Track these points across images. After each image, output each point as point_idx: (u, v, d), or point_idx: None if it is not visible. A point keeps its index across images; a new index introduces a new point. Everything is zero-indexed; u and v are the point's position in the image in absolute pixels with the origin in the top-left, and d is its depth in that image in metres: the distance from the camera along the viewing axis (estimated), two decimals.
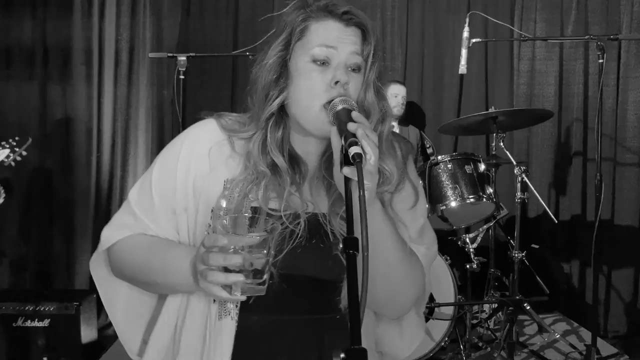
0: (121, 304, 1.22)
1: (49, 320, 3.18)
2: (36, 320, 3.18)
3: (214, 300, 1.06)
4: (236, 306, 1.06)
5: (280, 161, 1.09)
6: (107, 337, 3.64)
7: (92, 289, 3.98)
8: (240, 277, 0.93)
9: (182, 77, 3.23)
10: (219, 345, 1.05)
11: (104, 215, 4.23)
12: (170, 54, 3.32)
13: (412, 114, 4.24)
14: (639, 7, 3.99)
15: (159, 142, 4.39)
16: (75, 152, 4.22)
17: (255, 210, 1.06)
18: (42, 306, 3.18)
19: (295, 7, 1.10)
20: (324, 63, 1.06)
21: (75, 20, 4.20)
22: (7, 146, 2.64)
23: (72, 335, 3.19)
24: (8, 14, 4.20)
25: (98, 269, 1.23)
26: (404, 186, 1.15)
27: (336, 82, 1.04)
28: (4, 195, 2.68)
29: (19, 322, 3.16)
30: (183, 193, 1.11)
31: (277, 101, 1.08)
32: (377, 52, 1.08)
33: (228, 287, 0.95)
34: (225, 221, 0.98)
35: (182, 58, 3.22)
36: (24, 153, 2.69)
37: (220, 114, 1.16)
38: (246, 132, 1.11)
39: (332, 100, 1.04)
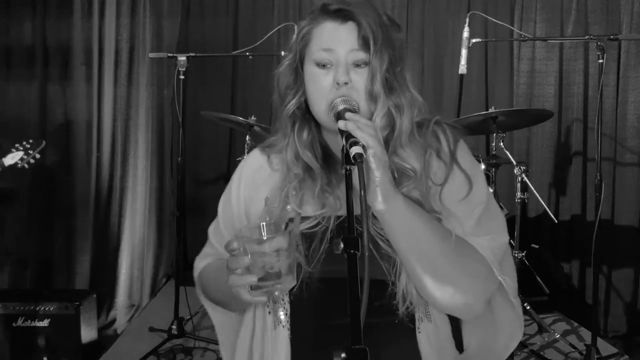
0: (218, 324, 1.30)
1: (49, 320, 3.19)
2: (36, 320, 3.18)
3: (269, 312, 1.10)
4: (286, 314, 1.09)
5: (311, 159, 1.12)
6: (107, 337, 3.64)
7: (92, 289, 3.98)
8: (252, 278, 0.96)
9: (182, 77, 3.23)
10: (276, 354, 1.08)
11: (104, 215, 4.24)
12: (170, 54, 3.32)
13: None
14: (639, 7, 3.99)
15: (159, 142, 4.39)
16: (75, 152, 4.22)
17: (289, 221, 1.09)
18: (42, 306, 3.18)
19: (307, 16, 1.15)
20: (325, 65, 1.09)
21: (75, 20, 4.20)
22: (21, 148, 2.63)
23: (72, 335, 3.19)
24: (8, 14, 4.20)
25: (201, 296, 1.31)
26: (452, 177, 1.11)
27: (337, 83, 1.07)
28: None
29: (19, 322, 3.16)
30: (239, 219, 1.20)
31: (293, 103, 1.13)
32: (377, 41, 1.06)
33: (257, 291, 0.98)
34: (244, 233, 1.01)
35: (182, 58, 3.22)
36: (38, 156, 2.69)
37: (264, 142, 1.22)
38: (279, 145, 1.17)
39: (332, 105, 1.06)
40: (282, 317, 1.09)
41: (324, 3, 1.10)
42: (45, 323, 3.19)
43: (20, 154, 2.61)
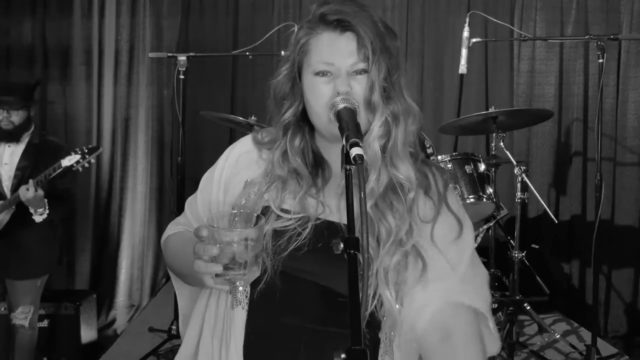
0: (183, 292, 1.30)
1: (49, 320, 3.19)
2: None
3: (229, 292, 1.11)
4: (246, 297, 1.10)
5: (300, 166, 1.14)
6: (107, 337, 3.65)
7: (92, 288, 3.99)
8: (217, 268, 0.97)
9: (182, 77, 3.23)
10: (232, 333, 1.10)
11: (103, 215, 4.24)
12: (170, 54, 3.32)
13: None
14: (639, 7, 3.99)
15: (159, 142, 4.39)
16: None
17: (265, 209, 1.10)
18: (42, 306, 3.18)
19: (304, 23, 1.14)
20: (327, 74, 1.09)
21: (75, 20, 4.21)
22: (79, 152, 2.71)
23: (72, 335, 3.19)
24: (8, 14, 4.20)
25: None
26: (442, 217, 1.12)
27: (338, 93, 1.07)
28: (47, 212, 2.75)
29: None
30: (216, 198, 1.20)
31: (290, 113, 1.14)
32: (376, 51, 1.07)
33: (219, 278, 0.99)
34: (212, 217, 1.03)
35: (182, 58, 3.22)
36: (93, 161, 2.77)
37: (259, 129, 1.23)
38: (269, 144, 1.18)
39: (333, 104, 1.06)
40: (243, 299, 1.10)
41: (322, 12, 1.10)
42: (45, 323, 3.19)
43: (77, 157, 2.69)
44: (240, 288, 1.07)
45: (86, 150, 2.71)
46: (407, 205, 1.10)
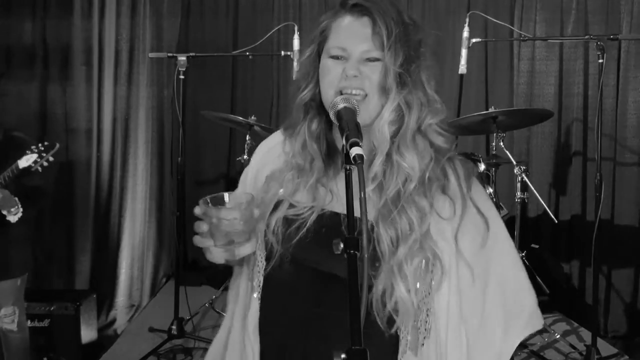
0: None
1: (49, 320, 3.19)
2: (36, 320, 3.18)
3: (250, 278, 1.18)
4: (259, 285, 1.15)
5: (315, 151, 1.16)
6: (107, 337, 3.64)
7: (92, 289, 3.98)
8: (209, 242, 1.05)
9: (182, 77, 3.23)
10: (250, 320, 1.16)
11: (104, 215, 4.23)
12: (170, 54, 3.32)
13: None
14: (639, 7, 3.99)
15: (159, 142, 4.39)
16: (75, 152, 4.22)
17: (278, 202, 1.14)
18: (42, 306, 3.18)
19: (328, 12, 1.18)
20: (340, 57, 1.11)
21: (75, 20, 4.20)
22: (35, 151, 2.60)
23: (72, 335, 3.19)
24: (8, 14, 4.20)
25: None
26: (466, 217, 1.09)
27: (347, 75, 1.09)
28: (21, 210, 2.65)
29: None
30: (250, 188, 1.25)
31: (306, 92, 1.17)
32: (391, 37, 1.07)
33: (216, 251, 1.08)
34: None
35: (182, 58, 3.23)
36: (51, 159, 2.65)
37: (287, 122, 1.25)
38: (292, 129, 1.21)
39: (333, 104, 1.08)
40: (257, 287, 1.16)
41: None
42: (45, 323, 3.19)
43: (35, 156, 2.59)
44: (256, 283, 1.15)
45: (42, 148, 2.61)
46: (418, 199, 1.08)
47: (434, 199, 1.09)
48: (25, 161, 2.58)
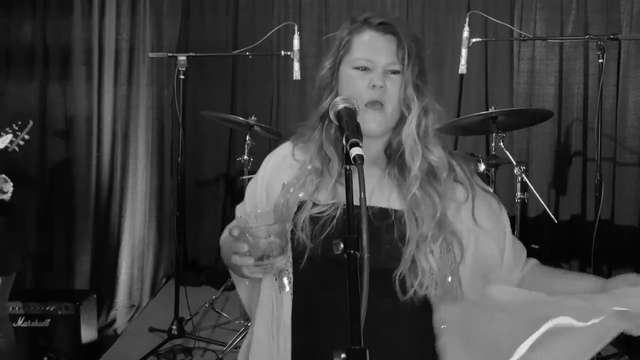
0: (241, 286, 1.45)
1: (49, 320, 3.19)
2: (36, 320, 3.18)
3: (276, 279, 1.24)
4: (290, 282, 1.21)
5: (332, 154, 1.24)
6: (107, 337, 3.64)
7: (92, 289, 3.98)
8: (250, 261, 1.11)
9: (182, 77, 3.23)
10: (281, 316, 1.22)
11: (104, 215, 4.23)
12: (170, 54, 3.32)
13: None
14: (639, 7, 3.99)
15: (159, 142, 4.39)
16: (75, 152, 4.22)
17: (302, 204, 1.21)
18: (42, 306, 3.18)
19: (345, 25, 1.28)
20: (365, 69, 1.22)
21: (75, 20, 4.20)
22: (10, 131, 2.62)
23: (72, 335, 3.19)
24: (8, 14, 4.20)
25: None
26: (477, 198, 1.25)
27: (373, 86, 1.19)
28: (12, 186, 2.60)
29: (20, 322, 3.16)
30: (260, 198, 1.34)
31: (327, 102, 1.23)
32: (412, 53, 1.21)
33: (254, 269, 1.13)
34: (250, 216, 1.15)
35: (182, 58, 3.23)
36: (27, 137, 2.67)
37: (301, 126, 1.34)
38: (307, 136, 1.30)
39: (333, 104, 1.14)
40: (286, 283, 1.22)
41: (367, 17, 1.24)
42: (45, 323, 3.19)
43: (10, 137, 2.60)
44: (285, 280, 1.21)
45: (16, 128, 2.62)
46: (443, 186, 1.22)
47: (448, 187, 1.23)
48: (1, 143, 2.58)
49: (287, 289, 1.22)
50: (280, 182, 1.28)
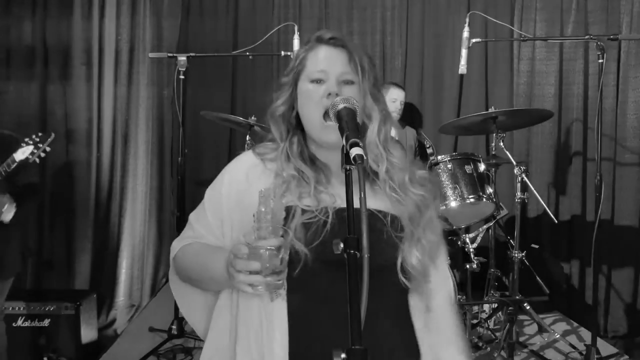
0: (186, 299, 1.45)
1: (49, 320, 3.19)
2: (36, 320, 3.18)
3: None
4: (284, 289, 1.18)
5: (302, 166, 1.27)
6: (107, 337, 3.65)
7: (92, 288, 3.99)
8: (259, 278, 1.08)
9: (182, 77, 3.23)
10: (275, 325, 1.18)
11: (104, 215, 4.24)
12: (170, 54, 3.32)
13: (409, 115, 4.24)
14: (639, 7, 3.99)
15: (159, 142, 4.40)
16: (75, 152, 4.23)
17: (288, 208, 1.19)
18: (42, 306, 3.19)
19: (301, 46, 1.33)
20: (319, 81, 1.24)
21: (75, 20, 4.21)
22: (31, 142, 2.58)
23: (72, 335, 3.19)
24: (8, 14, 4.20)
25: (172, 275, 1.50)
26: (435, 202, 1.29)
27: (329, 94, 1.21)
28: (14, 207, 2.59)
29: (19, 322, 3.17)
30: (227, 207, 1.31)
31: (282, 108, 1.29)
32: (365, 65, 1.25)
33: (259, 287, 1.11)
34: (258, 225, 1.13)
35: (182, 58, 3.23)
36: (48, 149, 2.64)
37: (257, 145, 1.37)
38: (273, 153, 1.31)
39: (332, 104, 1.16)
40: (282, 291, 1.18)
41: (319, 34, 1.29)
42: (45, 323, 3.19)
43: (31, 148, 2.57)
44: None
45: (38, 139, 2.59)
46: (409, 184, 1.27)
47: (415, 185, 1.28)
48: (21, 154, 2.54)
49: (280, 297, 1.19)
50: (255, 189, 1.22)
